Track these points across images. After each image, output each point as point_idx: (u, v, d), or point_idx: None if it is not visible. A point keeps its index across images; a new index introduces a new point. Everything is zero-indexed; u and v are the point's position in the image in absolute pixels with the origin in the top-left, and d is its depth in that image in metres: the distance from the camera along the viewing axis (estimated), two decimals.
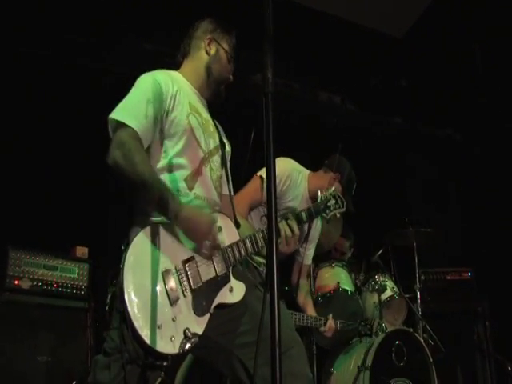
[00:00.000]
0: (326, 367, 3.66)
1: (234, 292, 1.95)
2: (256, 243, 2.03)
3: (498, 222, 4.78)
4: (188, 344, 1.76)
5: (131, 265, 1.77)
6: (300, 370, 1.96)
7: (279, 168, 3.03)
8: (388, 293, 3.76)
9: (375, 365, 3.32)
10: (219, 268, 1.94)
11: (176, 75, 2.17)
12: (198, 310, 1.85)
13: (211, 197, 2.07)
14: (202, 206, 2.00)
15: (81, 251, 3.54)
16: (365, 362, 3.35)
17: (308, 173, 3.20)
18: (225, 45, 2.24)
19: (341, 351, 3.66)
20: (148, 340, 1.71)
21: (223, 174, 2.22)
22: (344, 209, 2.37)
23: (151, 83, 1.99)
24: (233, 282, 1.96)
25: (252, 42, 1.73)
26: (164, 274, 1.81)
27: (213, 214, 1.95)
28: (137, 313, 1.72)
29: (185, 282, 1.85)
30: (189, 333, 1.77)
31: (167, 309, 1.78)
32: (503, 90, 4.85)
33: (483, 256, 4.69)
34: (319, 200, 2.32)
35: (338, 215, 2.38)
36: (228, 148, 2.29)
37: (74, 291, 3.37)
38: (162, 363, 1.75)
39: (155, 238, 1.84)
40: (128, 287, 1.74)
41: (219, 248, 1.93)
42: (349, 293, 3.64)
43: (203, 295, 1.88)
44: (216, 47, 2.22)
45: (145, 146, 1.92)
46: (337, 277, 3.75)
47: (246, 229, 2.23)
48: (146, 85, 1.99)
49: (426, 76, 4.91)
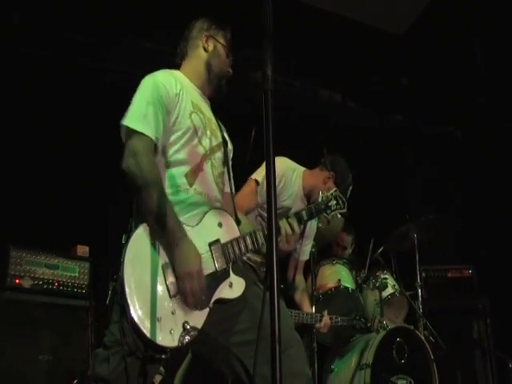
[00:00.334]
0: (327, 365, 3.66)
1: (234, 287, 1.96)
2: (256, 240, 2.04)
3: (499, 220, 4.77)
4: (187, 337, 1.77)
5: (131, 259, 1.79)
6: (299, 369, 1.97)
7: None
8: (389, 290, 3.75)
9: (376, 362, 3.32)
10: (219, 263, 1.94)
11: (178, 74, 2.18)
12: (198, 304, 1.84)
13: (212, 193, 2.07)
14: (201, 209, 1.99)
15: (81, 250, 3.55)
16: (366, 360, 3.35)
17: (303, 170, 3.18)
18: (221, 39, 2.26)
19: (342, 349, 3.66)
20: (147, 332, 1.72)
21: (225, 172, 2.22)
22: (345, 209, 2.38)
23: (157, 86, 2.00)
24: (232, 278, 1.96)
25: (252, 40, 1.73)
26: (164, 268, 1.82)
27: (203, 278, 1.86)
28: (137, 306, 1.74)
29: None
30: (188, 326, 1.78)
31: (167, 302, 1.80)
32: (504, 89, 4.85)
33: (484, 253, 4.68)
34: (320, 200, 2.32)
35: (339, 215, 2.39)
36: (230, 146, 2.30)
37: (75, 290, 3.38)
38: (161, 356, 1.76)
39: (155, 232, 1.84)
40: (128, 281, 1.75)
41: (198, 302, 1.85)
42: (350, 290, 3.63)
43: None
44: (213, 43, 2.24)
45: (158, 150, 1.94)
46: (338, 274, 3.75)
47: (247, 226, 2.23)
48: (153, 88, 1.99)
49: (427, 74, 4.91)
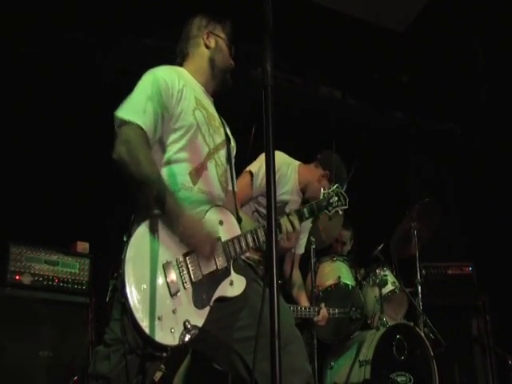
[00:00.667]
0: (327, 362, 3.67)
1: (235, 285, 1.95)
2: (257, 238, 2.03)
3: (499, 217, 4.77)
4: (188, 336, 1.77)
5: (132, 256, 1.78)
6: (299, 366, 1.97)
7: None
8: (389, 287, 3.75)
9: (376, 359, 3.33)
10: (220, 261, 1.94)
11: (182, 71, 2.17)
12: (198, 303, 1.85)
13: (215, 191, 2.07)
14: (203, 207, 1.98)
15: (82, 246, 3.55)
16: (366, 357, 3.36)
17: (298, 164, 3.18)
18: (222, 34, 2.26)
19: (342, 345, 3.67)
20: (148, 331, 1.72)
21: (228, 170, 2.21)
22: (346, 206, 2.37)
23: (157, 80, 1.98)
24: (233, 276, 1.96)
25: (252, 36, 1.73)
26: (165, 266, 1.82)
27: (213, 230, 1.92)
28: (137, 304, 1.73)
29: (185, 275, 1.85)
30: (188, 325, 1.78)
31: (168, 300, 1.79)
32: (504, 85, 4.84)
33: (484, 251, 4.69)
34: (322, 197, 2.32)
35: (341, 212, 2.38)
36: (233, 143, 2.30)
37: (75, 286, 3.38)
38: (162, 354, 1.76)
39: (156, 231, 1.84)
40: (129, 279, 1.75)
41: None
42: (350, 287, 3.64)
43: (203, 288, 1.88)
44: (215, 39, 2.24)
45: (150, 143, 1.92)
46: (338, 271, 3.75)
47: (248, 224, 2.22)
48: (152, 82, 1.98)
49: (427, 71, 4.90)
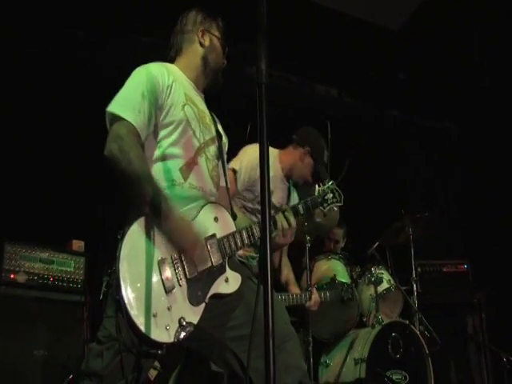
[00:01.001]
0: (323, 359, 3.68)
1: (230, 282, 1.95)
2: (252, 235, 2.03)
3: (495, 215, 4.79)
4: (183, 333, 1.76)
5: (127, 254, 1.77)
6: (294, 363, 1.97)
7: (248, 156, 3.05)
8: (384, 285, 3.76)
9: (371, 357, 3.34)
10: (215, 258, 1.93)
11: (172, 67, 2.16)
12: (193, 300, 1.84)
13: (206, 187, 2.06)
14: (196, 203, 1.98)
15: (77, 245, 3.54)
16: (361, 354, 3.37)
17: (277, 152, 3.22)
18: (216, 32, 2.25)
19: (337, 343, 3.68)
20: (143, 328, 1.71)
21: (220, 166, 2.21)
22: (342, 203, 2.37)
23: (147, 76, 1.98)
24: (228, 273, 1.96)
25: (248, 34, 1.72)
26: (160, 263, 1.81)
27: (203, 232, 1.91)
28: (132, 301, 1.73)
29: (180, 272, 1.84)
30: (184, 322, 1.77)
31: (163, 298, 1.79)
32: (501, 84, 4.85)
33: (479, 248, 4.70)
34: (316, 193, 2.31)
35: (336, 209, 2.38)
36: (225, 140, 2.29)
37: (71, 285, 3.37)
38: (157, 351, 1.75)
39: (151, 228, 1.83)
40: (124, 276, 1.74)
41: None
42: (345, 285, 3.64)
43: (198, 285, 1.87)
44: (209, 37, 2.23)
45: (142, 139, 1.91)
46: (333, 269, 3.76)
47: (243, 221, 2.22)
48: (142, 77, 1.98)
49: (424, 68, 4.91)
